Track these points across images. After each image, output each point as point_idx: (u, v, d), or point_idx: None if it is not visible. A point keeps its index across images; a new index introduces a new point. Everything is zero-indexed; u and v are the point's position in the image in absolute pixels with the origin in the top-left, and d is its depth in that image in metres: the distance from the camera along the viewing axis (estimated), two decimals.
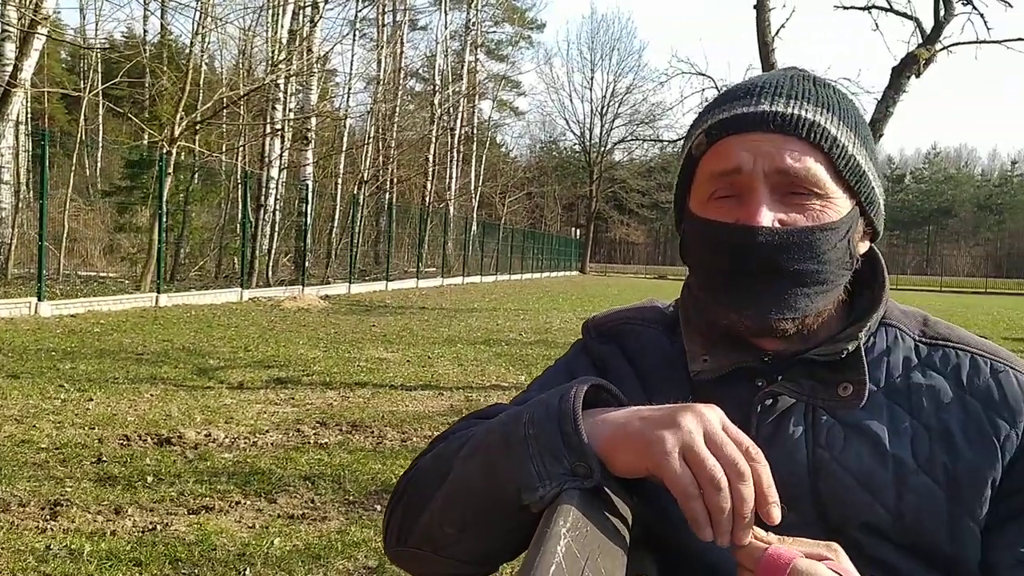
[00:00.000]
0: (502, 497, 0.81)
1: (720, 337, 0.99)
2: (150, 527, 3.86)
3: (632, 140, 60.18)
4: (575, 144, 67.30)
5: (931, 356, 0.97)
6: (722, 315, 0.96)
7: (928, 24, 9.35)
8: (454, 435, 0.98)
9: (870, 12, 10.01)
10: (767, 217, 0.91)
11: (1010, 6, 9.43)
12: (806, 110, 0.92)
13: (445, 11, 38.74)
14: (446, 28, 38.91)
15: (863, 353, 0.94)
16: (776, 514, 0.75)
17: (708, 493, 0.73)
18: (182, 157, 17.87)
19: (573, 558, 0.68)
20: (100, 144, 26.87)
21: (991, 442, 0.90)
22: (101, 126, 30.92)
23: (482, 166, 47.21)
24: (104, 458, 4.90)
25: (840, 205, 0.94)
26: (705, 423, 0.76)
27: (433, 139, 36.68)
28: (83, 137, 22.00)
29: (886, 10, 9.94)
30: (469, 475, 0.86)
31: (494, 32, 50.42)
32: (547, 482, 0.78)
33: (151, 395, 6.79)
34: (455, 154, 40.55)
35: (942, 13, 9.22)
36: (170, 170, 16.04)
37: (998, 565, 0.89)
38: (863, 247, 1.01)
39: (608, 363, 1.08)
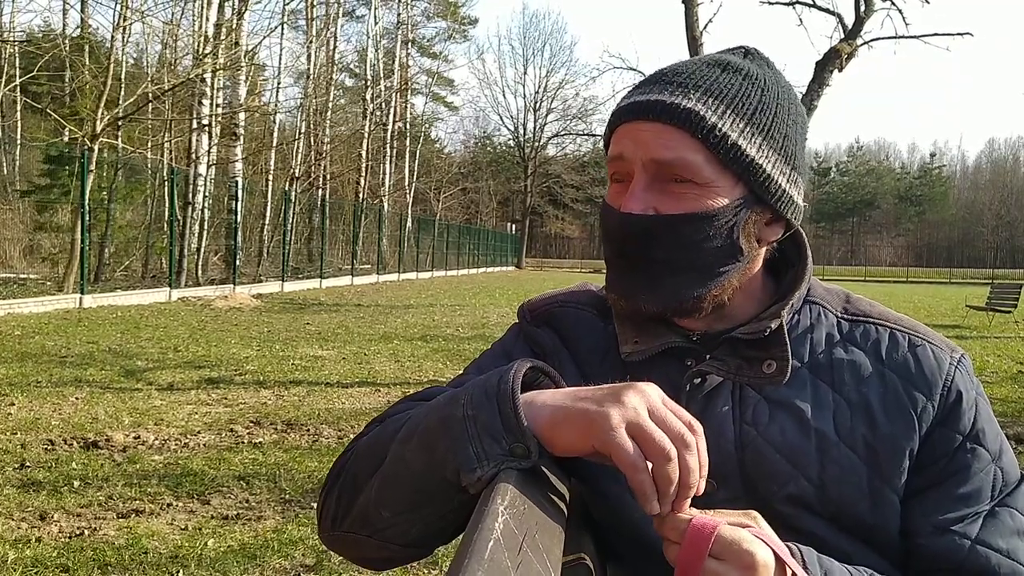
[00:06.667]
0: (440, 478, 0.81)
1: (649, 319, 1.01)
2: (77, 532, 3.75)
3: (565, 135, 60.66)
4: (509, 139, 67.47)
5: (852, 332, 1.00)
6: (607, 294, 1.01)
7: (849, 19, 9.64)
8: (390, 418, 0.98)
9: (794, 7, 10.25)
10: (639, 204, 0.93)
11: (927, 2, 9.78)
12: (691, 99, 0.92)
13: (374, 6, 38.34)
14: (376, 23, 38.55)
15: (786, 331, 0.96)
16: (702, 486, 0.78)
17: (658, 465, 0.75)
18: (104, 153, 17.32)
19: (511, 534, 0.68)
20: (18, 141, 25.86)
21: (908, 414, 0.93)
22: (19, 122, 29.78)
23: (416, 162, 46.89)
24: (27, 463, 4.74)
25: (722, 194, 0.94)
26: (647, 399, 0.78)
27: (366, 134, 36.28)
28: (0, 134, 21.15)
29: (809, 5, 10.20)
30: (406, 457, 0.86)
31: (426, 27, 50.08)
32: (485, 463, 0.79)
33: (76, 398, 6.58)
34: (389, 149, 40.16)
35: (863, 9, 9.50)
36: (92, 167, 15.53)
37: (917, 533, 0.92)
38: (771, 234, 1.00)
39: (544, 346, 1.10)
